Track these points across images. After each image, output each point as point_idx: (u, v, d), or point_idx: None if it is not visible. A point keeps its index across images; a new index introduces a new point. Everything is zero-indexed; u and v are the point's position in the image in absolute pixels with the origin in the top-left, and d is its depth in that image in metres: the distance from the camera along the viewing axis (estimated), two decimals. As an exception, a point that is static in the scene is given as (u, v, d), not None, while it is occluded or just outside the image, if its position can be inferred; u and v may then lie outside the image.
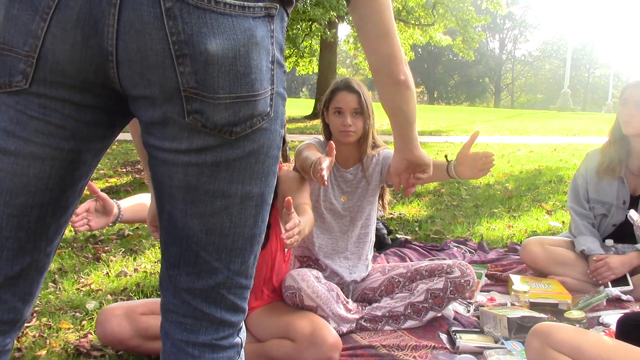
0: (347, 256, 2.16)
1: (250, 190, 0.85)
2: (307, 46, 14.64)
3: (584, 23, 72.39)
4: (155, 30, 0.73)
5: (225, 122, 0.78)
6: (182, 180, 0.82)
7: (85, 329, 1.96)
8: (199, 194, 0.82)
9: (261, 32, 0.78)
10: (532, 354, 1.36)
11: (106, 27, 0.74)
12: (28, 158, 0.80)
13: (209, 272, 0.87)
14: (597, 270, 2.34)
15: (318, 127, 10.04)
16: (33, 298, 0.92)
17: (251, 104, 0.79)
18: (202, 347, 0.89)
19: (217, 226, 0.85)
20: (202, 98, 0.77)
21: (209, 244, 0.85)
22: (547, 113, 23.47)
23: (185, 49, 0.74)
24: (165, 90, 0.77)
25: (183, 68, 0.75)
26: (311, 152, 1.89)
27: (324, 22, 11.63)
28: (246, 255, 0.89)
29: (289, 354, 1.69)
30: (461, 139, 9.55)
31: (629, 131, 2.38)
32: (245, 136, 0.81)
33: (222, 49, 0.75)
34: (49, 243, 0.88)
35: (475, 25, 15.03)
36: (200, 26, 0.74)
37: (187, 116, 0.77)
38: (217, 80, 0.76)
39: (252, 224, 0.88)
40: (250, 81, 0.78)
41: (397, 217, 3.80)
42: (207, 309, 0.88)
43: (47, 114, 0.79)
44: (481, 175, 1.82)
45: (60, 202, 0.86)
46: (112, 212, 1.60)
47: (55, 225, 0.88)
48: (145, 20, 0.73)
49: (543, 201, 4.38)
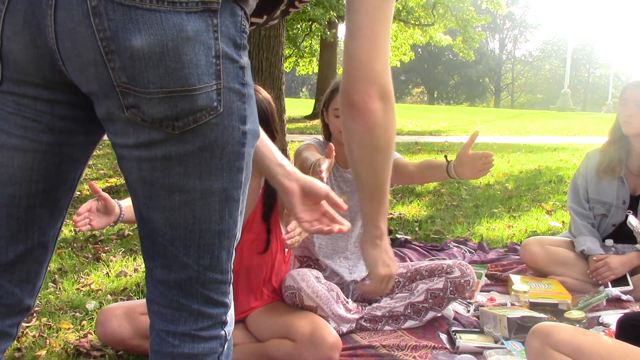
0: (347, 256, 2.16)
1: (211, 186, 0.85)
2: (307, 46, 14.66)
3: (584, 23, 72.41)
4: (84, 28, 0.75)
5: (162, 116, 0.79)
6: (138, 175, 0.84)
7: (85, 329, 1.96)
8: (155, 188, 0.84)
9: (195, 26, 0.77)
10: (532, 354, 1.36)
11: (47, 27, 0.77)
12: (11, 150, 0.85)
13: (179, 267, 0.88)
14: (597, 270, 2.34)
15: (318, 127, 10.05)
16: (34, 288, 0.95)
17: (188, 98, 0.79)
18: (181, 336, 0.90)
19: (181, 221, 0.85)
20: (135, 93, 0.78)
21: (175, 238, 0.86)
22: (547, 113, 23.48)
23: (112, 45, 0.76)
24: (102, 85, 0.78)
25: (113, 64, 0.76)
26: (311, 153, 1.89)
27: (324, 22, 11.64)
28: (215, 251, 0.89)
29: (289, 354, 1.69)
30: (461, 139, 9.55)
31: (629, 131, 2.39)
32: (193, 131, 0.81)
33: (147, 44, 0.75)
34: (42, 234, 0.92)
35: (475, 25, 15.04)
36: (125, 22, 0.75)
37: (126, 110, 0.79)
38: (146, 75, 0.77)
39: (218, 220, 0.87)
40: (183, 75, 0.78)
41: (397, 217, 3.80)
42: (183, 300, 0.89)
43: (21, 110, 0.83)
44: (481, 175, 1.83)
45: (49, 193, 0.90)
46: (114, 211, 1.60)
47: (47, 217, 0.91)
48: (75, 19, 0.75)
49: (543, 201, 4.38)
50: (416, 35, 14.16)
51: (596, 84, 49.68)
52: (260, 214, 1.83)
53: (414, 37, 14.29)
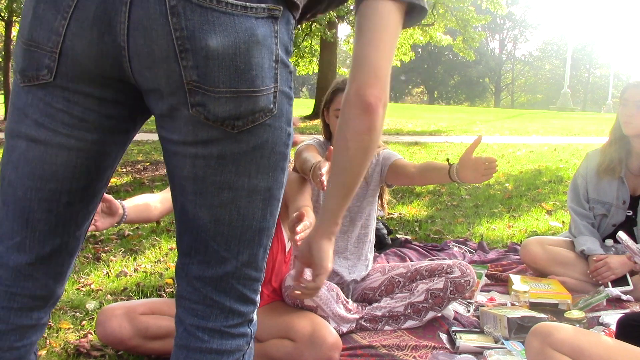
0: (346, 256, 2.16)
1: (257, 184, 0.89)
2: (307, 46, 14.65)
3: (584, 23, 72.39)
4: (161, 27, 0.78)
5: (226, 115, 0.82)
6: (190, 171, 0.87)
7: (85, 329, 1.96)
8: (206, 185, 0.87)
9: (263, 31, 0.82)
10: (532, 354, 1.36)
11: (119, 24, 0.80)
12: (56, 148, 0.87)
13: (218, 262, 0.91)
14: (597, 270, 2.34)
15: (318, 127, 10.04)
16: (65, 277, 0.99)
17: (252, 99, 0.83)
18: (211, 332, 0.93)
19: (226, 217, 0.89)
20: (204, 91, 0.81)
21: (217, 234, 0.89)
22: (547, 113, 23.47)
23: (187, 44, 0.79)
24: (170, 83, 0.81)
25: (186, 62, 0.79)
26: (311, 153, 1.89)
27: (324, 22, 11.64)
28: (254, 248, 0.93)
29: (289, 353, 1.69)
30: (461, 139, 9.55)
31: (629, 131, 2.39)
32: (248, 131, 0.85)
33: (222, 45, 0.79)
34: (77, 227, 0.96)
35: (475, 25, 15.04)
36: (202, 23, 0.78)
37: (191, 108, 0.82)
38: (217, 75, 0.80)
39: (260, 217, 0.91)
40: (251, 77, 0.82)
41: (397, 217, 3.80)
42: (216, 297, 0.92)
43: (70, 107, 0.86)
44: (484, 180, 1.82)
45: (88, 190, 0.93)
46: (118, 212, 1.62)
47: (84, 211, 0.95)
48: (151, 17, 0.78)
49: (543, 201, 4.38)
50: (416, 35, 14.15)
51: (596, 84, 49.65)
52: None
53: (414, 37, 14.27)
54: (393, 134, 10.64)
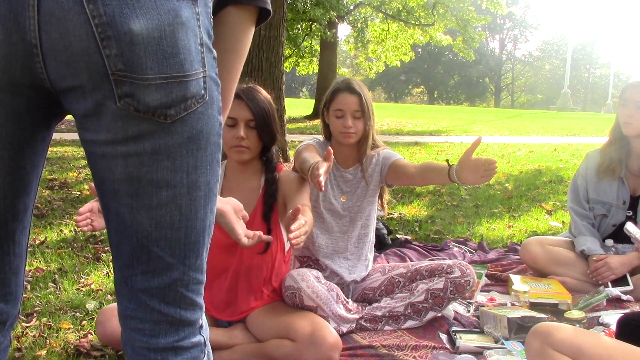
0: (346, 256, 2.16)
1: (197, 179, 0.83)
2: (307, 46, 14.66)
3: (584, 23, 72.39)
4: (77, 16, 0.72)
5: (157, 104, 0.77)
6: (123, 172, 0.80)
7: (85, 329, 1.96)
8: (143, 185, 0.80)
9: (186, 13, 0.77)
10: (532, 354, 1.36)
11: (27, 20, 0.72)
12: None
13: (164, 269, 0.85)
14: (597, 270, 2.35)
15: (318, 127, 10.05)
16: (17, 297, 0.92)
17: (183, 84, 0.78)
18: (163, 351, 0.87)
19: (167, 219, 0.83)
20: (132, 80, 0.75)
21: (160, 238, 0.83)
22: (547, 113, 23.49)
23: (108, 30, 0.73)
24: (93, 76, 0.75)
25: (109, 51, 0.74)
26: (310, 154, 1.89)
27: (324, 22, 11.66)
28: (200, 249, 0.87)
29: (289, 354, 1.69)
30: (461, 139, 9.55)
31: (629, 132, 2.38)
32: (181, 120, 0.79)
33: (146, 29, 0.74)
34: (16, 246, 0.89)
35: (475, 25, 15.04)
36: (121, 7, 0.73)
37: (119, 101, 0.76)
38: (144, 61, 0.75)
39: (203, 216, 0.86)
40: (180, 61, 0.77)
41: (397, 217, 3.80)
42: (165, 309, 0.86)
43: None
44: (484, 181, 1.81)
45: (19, 206, 0.86)
46: None
47: (19, 228, 0.88)
48: (65, 7, 0.72)
49: (543, 201, 4.38)
50: (416, 35, 14.17)
51: (596, 84, 49.66)
52: (260, 214, 1.83)
53: (414, 37, 14.29)
54: (393, 134, 10.66)
